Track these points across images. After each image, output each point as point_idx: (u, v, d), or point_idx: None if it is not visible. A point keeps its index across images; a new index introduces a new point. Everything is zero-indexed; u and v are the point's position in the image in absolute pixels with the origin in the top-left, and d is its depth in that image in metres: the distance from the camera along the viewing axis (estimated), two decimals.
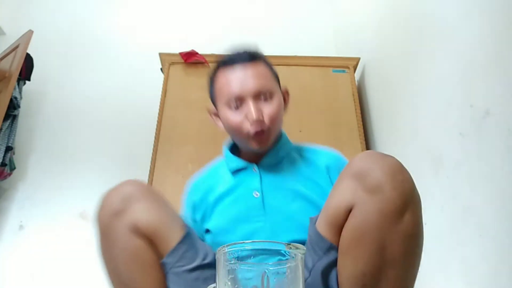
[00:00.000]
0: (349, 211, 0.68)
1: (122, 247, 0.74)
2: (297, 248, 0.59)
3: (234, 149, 1.05)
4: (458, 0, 1.34)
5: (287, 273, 0.57)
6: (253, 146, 0.91)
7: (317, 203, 0.90)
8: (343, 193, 0.70)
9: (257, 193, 0.94)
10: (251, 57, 0.92)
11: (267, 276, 0.56)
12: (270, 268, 0.56)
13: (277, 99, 0.92)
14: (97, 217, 0.78)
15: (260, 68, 0.92)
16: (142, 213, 0.75)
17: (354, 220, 0.67)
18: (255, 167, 0.97)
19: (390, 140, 1.94)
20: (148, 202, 0.77)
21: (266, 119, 0.88)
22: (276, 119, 0.90)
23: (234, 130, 0.92)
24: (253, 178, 0.96)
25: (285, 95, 1.01)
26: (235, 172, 0.99)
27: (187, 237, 0.81)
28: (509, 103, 1.06)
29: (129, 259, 0.74)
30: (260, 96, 0.89)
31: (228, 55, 0.94)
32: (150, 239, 0.76)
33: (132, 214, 0.75)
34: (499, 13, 1.12)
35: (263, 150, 0.94)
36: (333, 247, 0.73)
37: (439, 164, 1.42)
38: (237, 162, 0.99)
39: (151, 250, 0.77)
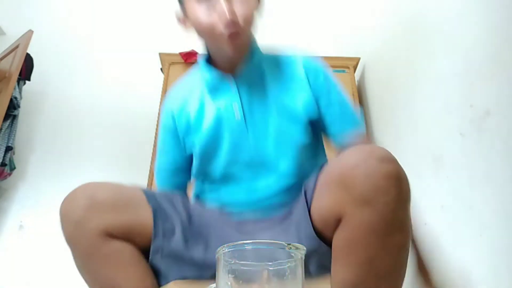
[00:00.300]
0: (338, 220, 0.65)
1: (98, 255, 0.71)
2: (297, 248, 0.59)
3: (210, 60, 0.96)
4: (458, 0, 1.34)
5: (287, 273, 0.57)
6: (228, 49, 0.82)
7: (302, 119, 0.89)
8: (331, 203, 0.65)
9: (238, 114, 0.90)
10: None
11: (267, 276, 0.56)
12: (270, 268, 0.56)
13: None
14: (62, 232, 0.76)
15: None
16: (107, 218, 0.72)
17: (343, 232, 0.64)
18: (233, 82, 0.91)
19: (390, 140, 1.94)
20: (109, 202, 0.75)
21: (240, 20, 0.79)
22: (250, 18, 0.82)
23: (205, 33, 0.83)
24: (232, 96, 0.90)
25: None
26: (212, 89, 0.92)
27: (157, 213, 0.79)
28: (509, 103, 1.06)
29: (110, 265, 0.71)
30: None
31: None
32: (124, 237, 0.73)
33: (97, 221, 0.72)
34: (498, 13, 1.12)
35: (237, 55, 0.87)
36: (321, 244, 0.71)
37: (439, 164, 1.42)
38: (214, 76, 0.92)
39: (129, 246, 0.74)
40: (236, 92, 0.90)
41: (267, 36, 3.08)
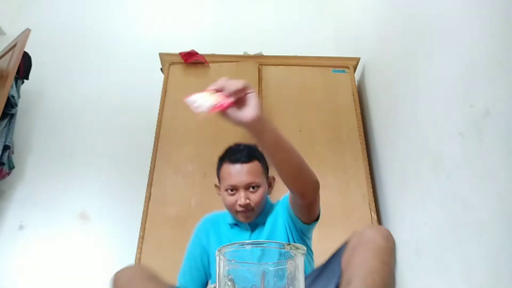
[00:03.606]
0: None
1: None
2: (297, 248, 0.59)
3: None
4: (458, 0, 1.34)
5: (287, 273, 0.57)
6: (240, 219, 1.25)
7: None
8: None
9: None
10: (248, 157, 1.23)
11: (267, 276, 0.56)
12: (270, 268, 0.56)
13: (262, 189, 1.23)
14: None
15: (254, 166, 1.23)
16: None
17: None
18: (247, 225, 1.28)
19: (390, 140, 1.94)
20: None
21: (252, 203, 1.21)
22: (259, 203, 1.22)
23: (228, 207, 1.25)
24: (245, 233, 1.28)
25: (271, 181, 1.31)
26: (232, 225, 1.30)
27: None
28: (509, 103, 1.06)
29: None
30: (249, 187, 1.21)
31: (233, 151, 1.26)
32: None
33: None
34: (499, 13, 1.12)
35: (247, 222, 1.25)
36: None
37: (439, 164, 1.42)
38: (233, 219, 1.29)
39: None
40: (248, 235, 1.28)
41: (268, 36, 3.09)
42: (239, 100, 0.79)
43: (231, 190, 1.22)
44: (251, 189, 1.22)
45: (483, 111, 1.16)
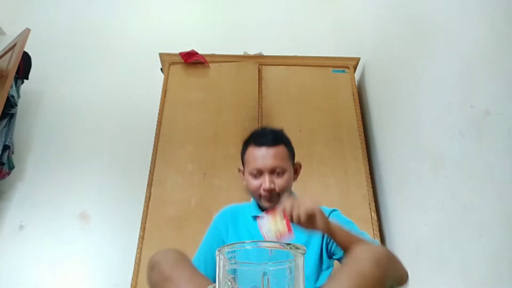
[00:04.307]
0: None
1: None
2: (297, 248, 0.59)
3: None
4: (458, 1, 1.34)
5: (287, 273, 0.57)
6: (263, 204, 1.20)
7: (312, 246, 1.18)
8: None
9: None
10: (275, 141, 1.19)
11: (267, 276, 0.56)
12: (270, 268, 0.56)
13: (288, 175, 1.19)
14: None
15: (280, 150, 1.19)
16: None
17: None
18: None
19: (390, 140, 1.94)
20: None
21: (277, 188, 1.16)
22: (284, 188, 1.18)
23: (251, 191, 1.21)
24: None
25: (298, 167, 1.27)
26: (254, 217, 1.23)
27: None
28: (509, 103, 1.06)
29: None
30: (274, 171, 1.17)
31: (259, 135, 1.23)
32: None
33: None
34: (499, 13, 1.12)
35: (270, 207, 1.18)
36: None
37: (439, 164, 1.42)
38: (258, 212, 1.23)
39: None
40: None
41: (268, 36, 3.09)
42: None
43: (256, 174, 1.18)
44: (276, 174, 1.18)
45: (483, 111, 1.16)
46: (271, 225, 0.91)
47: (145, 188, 1.91)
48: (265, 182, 1.16)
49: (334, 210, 1.23)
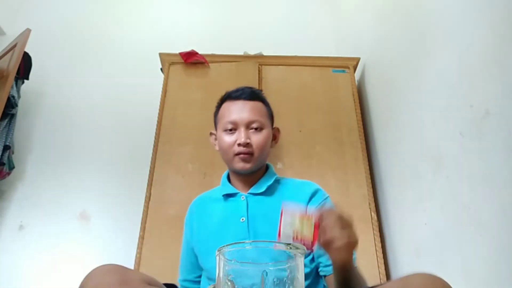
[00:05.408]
0: None
1: None
2: (297, 248, 0.59)
3: (229, 179, 1.18)
4: (458, 1, 1.34)
5: (287, 273, 0.57)
6: (237, 165, 1.07)
7: None
8: None
9: (243, 218, 1.07)
10: (252, 95, 1.10)
11: (267, 276, 0.56)
12: (270, 268, 0.56)
13: (266, 132, 1.09)
14: None
15: (258, 105, 1.10)
16: None
17: None
18: (244, 195, 1.11)
19: (390, 140, 1.94)
20: None
21: (254, 144, 1.05)
22: (261, 146, 1.06)
23: (224, 150, 1.09)
24: (241, 205, 1.09)
25: (276, 133, 1.16)
26: (226, 196, 1.13)
27: None
28: (509, 103, 1.06)
29: None
30: (251, 126, 1.07)
31: (235, 91, 1.12)
32: None
33: None
34: (499, 13, 1.12)
35: (244, 171, 1.08)
36: None
37: (439, 164, 1.42)
38: (229, 189, 1.13)
39: None
40: (245, 207, 1.08)
41: (268, 36, 3.09)
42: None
43: (230, 129, 1.07)
44: (252, 130, 1.07)
45: (483, 111, 1.16)
46: (296, 221, 0.76)
47: (145, 188, 1.91)
48: (241, 137, 1.04)
49: (327, 197, 1.12)
